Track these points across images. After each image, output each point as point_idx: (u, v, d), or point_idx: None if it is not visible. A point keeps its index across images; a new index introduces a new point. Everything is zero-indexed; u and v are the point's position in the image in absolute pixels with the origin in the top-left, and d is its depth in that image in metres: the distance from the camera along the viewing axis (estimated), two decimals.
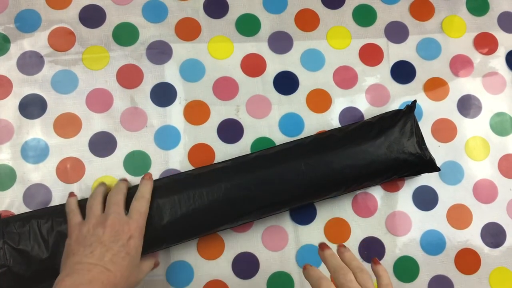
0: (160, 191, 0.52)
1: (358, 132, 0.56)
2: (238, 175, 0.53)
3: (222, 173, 0.54)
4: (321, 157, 0.54)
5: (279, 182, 0.53)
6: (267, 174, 0.53)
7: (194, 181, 0.53)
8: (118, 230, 0.47)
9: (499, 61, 0.64)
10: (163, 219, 0.51)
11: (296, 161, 0.53)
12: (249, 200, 0.53)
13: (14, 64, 0.59)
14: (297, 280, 0.57)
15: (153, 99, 0.60)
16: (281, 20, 0.63)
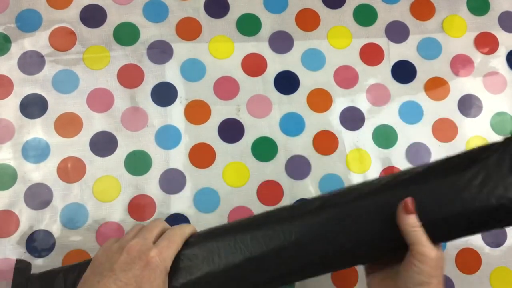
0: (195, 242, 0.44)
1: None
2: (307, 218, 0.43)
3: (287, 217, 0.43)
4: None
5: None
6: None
7: (239, 226, 0.44)
8: (135, 257, 0.39)
9: (499, 61, 0.64)
10: (191, 273, 0.42)
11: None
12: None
13: (15, 63, 0.59)
14: None
15: (153, 99, 0.60)
16: (281, 20, 0.63)
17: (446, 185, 0.40)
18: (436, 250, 0.39)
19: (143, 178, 0.57)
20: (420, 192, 0.40)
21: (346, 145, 0.60)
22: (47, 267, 0.47)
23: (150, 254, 0.39)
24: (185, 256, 0.42)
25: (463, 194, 0.39)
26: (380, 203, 0.41)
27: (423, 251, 0.38)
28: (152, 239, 0.41)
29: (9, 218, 0.55)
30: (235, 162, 0.59)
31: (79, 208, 0.56)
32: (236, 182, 0.58)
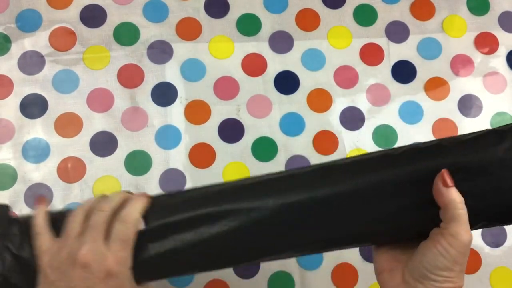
0: (164, 208, 0.39)
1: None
2: (298, 188, 0.38)
3: (272, 186, 0.38)
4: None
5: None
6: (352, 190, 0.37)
7: (220, 196, 0.39)
8: (92, 270, 0.35)
9: (499, 61, 0.64)
10: (164, 245, 0.37)
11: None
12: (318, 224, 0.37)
13: (15, 63, 0.59)
14: (298, 280, 0.57)
15: (154, 99, 0.60)
16: (281, 20, 0.64)
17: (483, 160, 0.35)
18: (470, 234, 0.33)
19: (143, 178, 0.57)
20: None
21: (346, 145, 0.60)
22: None
23: (107, 263, 0.35)
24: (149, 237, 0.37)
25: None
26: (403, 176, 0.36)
27: (458, 232, 0.33)
28: (103, 237, 0.36)
29: None
30: (235, 162, 0.59)
31: None
32: None
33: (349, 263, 0.57)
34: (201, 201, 0.38)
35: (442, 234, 0.33)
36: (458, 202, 0.33)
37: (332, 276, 0.57)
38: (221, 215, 0.37)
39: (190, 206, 0.38)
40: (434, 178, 0.35)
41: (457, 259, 0.33)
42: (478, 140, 0.37)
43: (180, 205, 0.38)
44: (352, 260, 0.58)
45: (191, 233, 0.37)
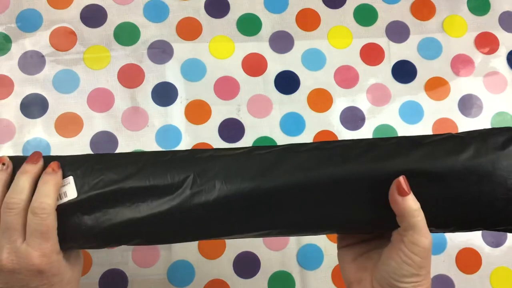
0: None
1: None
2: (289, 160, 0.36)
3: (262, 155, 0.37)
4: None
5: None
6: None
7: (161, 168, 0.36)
8: (19, 271, 0.33)
9: (500, 61, 0.64)
10: (97, 218, 0.35)
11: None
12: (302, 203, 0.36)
13: (15, 63, 0.59)
14: (298, 279, 0.57)
15: (154, 99, 0.60)
16: (282, 20, 0.64)
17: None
18: (430, 237, 0.33)
19: None
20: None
21: None
22: None
23: (32, 262, 0.33)
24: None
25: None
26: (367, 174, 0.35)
27: (418, 240, 0.32)
28: (20, 236, 0.34)
29: None
30: None
31: None
32: None
33: None
34: (136, 170, 0.36)
35: (403, 242, 0.33)
36: (414, 210, 0.33)
37: (332, 276, 0.57)
38: (162, 191, 0.35)
39: (124, 176, 0.36)
40: (390, 181, 0.34)
41: (421, 264, 0.33)
42: (439, 145, 0.36)
43: (113, 172, 0.36)
44: None
45: (128, 209, 0.35)
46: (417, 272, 0.33)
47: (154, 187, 0.35)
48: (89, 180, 0.36)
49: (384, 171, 0.34)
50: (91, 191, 0.35)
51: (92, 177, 0.36)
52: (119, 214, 0.35)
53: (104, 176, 0.36)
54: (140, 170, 0.36)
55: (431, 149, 0.36)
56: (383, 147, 0.36)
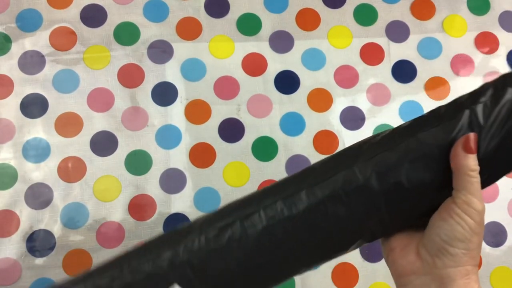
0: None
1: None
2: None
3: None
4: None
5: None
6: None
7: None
8: None
9: (500, 61, 0.64)
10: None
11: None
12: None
13: (15, 63, 0.59)
14: (298, 279, 0.57)
15: (154, 99, 0.60)
16: (282, 20, 0.64)
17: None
18: (483, 204, 0.32)
19: (143, 177, 0.57)
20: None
21: (346, 145, 0.60)
22: (47, 266, 0.48)
23: None
24: None
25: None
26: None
27: (471, 201, 0.31)
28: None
29: (9, 217, 0.55)
30: (236, 162, 0.59)
31: (79, 208, 0.56)
32: (236, 181, 0.58)
33: (349, 263, 0.57)
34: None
35: (455, 203, 0.32)
36: (472, 170, 0.31)
37: (332, 276, 0.57)
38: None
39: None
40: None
41: (474, 228, 0.31)
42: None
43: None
44: (352, 260, 0.58)
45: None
46: (469, 237, 0.31)
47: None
48: None
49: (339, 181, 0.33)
50: None
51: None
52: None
53: None
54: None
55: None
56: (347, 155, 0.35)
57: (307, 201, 0.33)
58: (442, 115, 0.33)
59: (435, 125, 0.33)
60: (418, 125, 0.34)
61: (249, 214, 0.32)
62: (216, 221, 0.32)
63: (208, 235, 0.32)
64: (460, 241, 0.31)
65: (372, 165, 0.33)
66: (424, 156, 0.32)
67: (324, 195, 0.33)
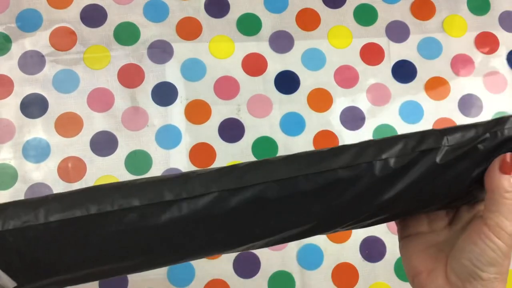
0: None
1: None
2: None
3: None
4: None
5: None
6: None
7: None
8: None
9: (500, 61, 0.64)
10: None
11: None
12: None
13: (15, 63, 0.59)
14: (298, 279, 0.57)
15: (154, 99, 0.60)
16: (282, 20, 0.64)
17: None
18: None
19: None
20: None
21: None
22: None
23: None
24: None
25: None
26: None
27: (503, 223, 0.30)
28: None
29: None
30: (236, 162, 0.59)
31: None
32: None
33: (349, 263, 0.58)
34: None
35: (487, 225, 0.30)
36: (507, 192, 0.30)
37: (332, 276, 0.57)
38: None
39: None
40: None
41: (505, 252, 0.30)
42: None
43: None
44: (352, 260, 0.58)
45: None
46: (501, 262, 0.30)
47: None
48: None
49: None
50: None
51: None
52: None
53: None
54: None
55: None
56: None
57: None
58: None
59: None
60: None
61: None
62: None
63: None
64: (492, 266, 0.31)
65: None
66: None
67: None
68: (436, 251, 0.35)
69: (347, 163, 0.30)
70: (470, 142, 0.31)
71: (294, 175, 0.30)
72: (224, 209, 0.30)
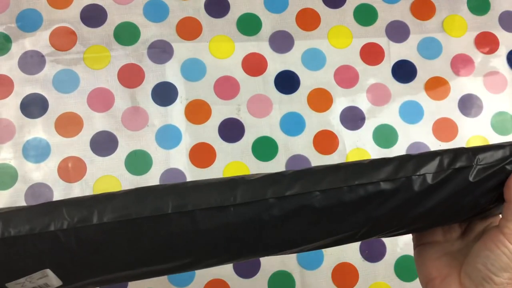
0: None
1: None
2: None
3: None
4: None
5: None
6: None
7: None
8: None
9: (500, 60, 0.64)
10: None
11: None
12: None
13: (15, 63, 0.59)
14: (298, 279, 0.57)
15: (154, 99, 0.60)
16: (282, 20, 0.64)
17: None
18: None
19: (143, 177, 0.57)
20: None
21: (346, 145, 0.60)
22: None
23: None
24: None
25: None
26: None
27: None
28: None
29: None
30: (236, 162, 0.59)
31: None
32: None
33: (349, 262, 0.58)
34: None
35: (503, 233, 0.32)
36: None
37: (332, 276, 0.57)
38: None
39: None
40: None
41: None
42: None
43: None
44: (352, 260, 0.58)
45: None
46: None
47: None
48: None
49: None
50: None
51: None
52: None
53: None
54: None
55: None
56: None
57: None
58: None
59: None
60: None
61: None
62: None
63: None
64: (506, 271, 0.32)
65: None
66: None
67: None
68: (450, 259, 0.36)
69: (388, 177, 0.31)
70: (499, 163, 0.32)
71: (339, 185, 0.31)
72: (271, 216, 0.31)
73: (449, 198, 0.32)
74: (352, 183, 0.31)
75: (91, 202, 0.30)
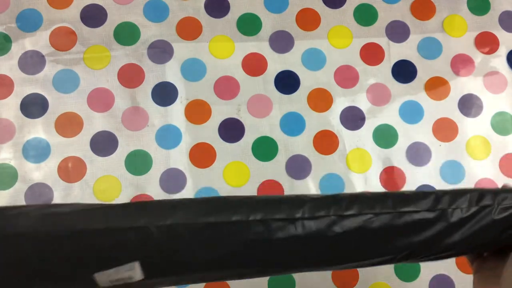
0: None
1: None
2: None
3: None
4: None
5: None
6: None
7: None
8: None
9: (500, 60, 0.64)
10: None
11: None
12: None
13: (15, 63, 0.59)
14: (298, 279, 0.57)
15: (154, 99, 0.60)
16: (282, 20, 0.64)
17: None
18: None
19: (143, 177, 0.57)
20: None
21: (346, 145, 0.60)
22: None
23: None
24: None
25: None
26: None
27: None
28: None
29: None
30: (236, 162, 0.59)
31: None
32: (236, 181, 0.58)
33: None
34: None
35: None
36: None
37: (332, 276, 0.57)
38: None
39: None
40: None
41: None
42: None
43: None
44: None
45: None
46: None
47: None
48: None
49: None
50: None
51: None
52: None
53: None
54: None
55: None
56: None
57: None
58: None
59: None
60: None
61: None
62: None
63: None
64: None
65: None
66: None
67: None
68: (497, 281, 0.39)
69: (429, 207, 0.36)
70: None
71: (391, 211, 0.36)
72: (334, 232, 0.35)
73: (475, 231, 0.36)
74: (401, 209, 0.36)
75: (181, 205, 0.34)
